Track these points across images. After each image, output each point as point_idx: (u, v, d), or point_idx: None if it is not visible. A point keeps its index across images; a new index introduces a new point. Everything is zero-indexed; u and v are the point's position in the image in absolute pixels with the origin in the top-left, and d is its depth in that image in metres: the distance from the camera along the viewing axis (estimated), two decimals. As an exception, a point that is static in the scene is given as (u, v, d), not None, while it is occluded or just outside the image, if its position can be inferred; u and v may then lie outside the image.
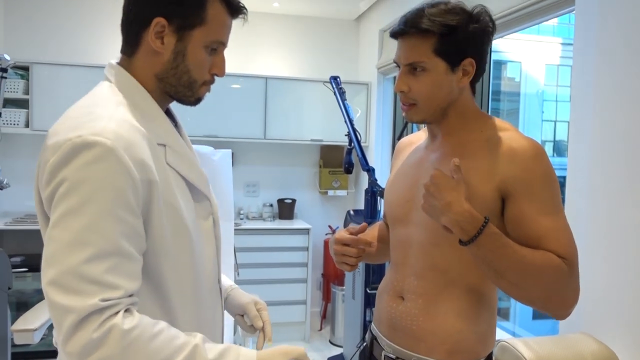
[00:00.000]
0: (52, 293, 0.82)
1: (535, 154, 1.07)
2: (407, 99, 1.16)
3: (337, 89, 3.35)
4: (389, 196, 1.31)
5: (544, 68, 8.78)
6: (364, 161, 3.13)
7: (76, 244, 0.83)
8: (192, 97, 1.04)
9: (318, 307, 4.41)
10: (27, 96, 3.60)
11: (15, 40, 3.89)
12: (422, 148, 1.28)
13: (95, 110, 0.91)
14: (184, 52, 0.98)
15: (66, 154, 0.85)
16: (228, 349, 0.92)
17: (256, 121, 4.05)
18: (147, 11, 0.95)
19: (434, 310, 1.15)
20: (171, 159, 0.98)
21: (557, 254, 1.04)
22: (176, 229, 0.96)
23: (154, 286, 0.94)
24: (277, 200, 4.36)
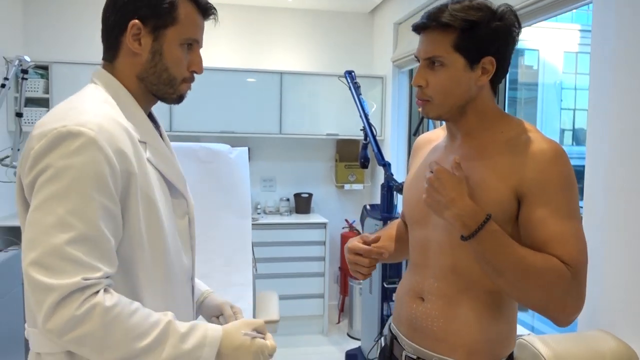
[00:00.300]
0: (34, 273, 0.86)
1: (555, 157, 1.06)
2: (423, 95, 1.15)
3: (352, 84, 3.35)
4: (408, 196, 1.30)
5: (562, 55, 8.64)
6: (379, 156, 3.13)
7: (59, 227, 0.87)
8: (174, 95, 1.10)
9: (336, 301, 4.44)
10: (48, 95, 3.66)
11: (35, 40, 3.96)
12: (441, 147, 1.26)
13: (81, 106, 0.98)
14: (161, 50, 1.05)
15: (51, 142, 0.90)
16: (197, 324, 1.00)
17: (272, 116, 4.07)
18: (123, 16, 1.03)
19: (454, 311, 1.15)
20: (151, 156, 1.05)
21: (562, 259, 1.02)
22: (151, 221, 1.01)
23: (125, 274, 0.99)
24: (293, 194, 4.38)
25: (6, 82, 2.45)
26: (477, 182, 1.11)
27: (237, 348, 1.01)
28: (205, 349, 0.98)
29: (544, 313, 1.05)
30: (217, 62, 4.24)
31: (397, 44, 4.02)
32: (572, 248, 1.03)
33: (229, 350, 1.01)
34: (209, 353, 0.98)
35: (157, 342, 0.93)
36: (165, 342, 0.94)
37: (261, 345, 1.04)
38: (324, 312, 4.06)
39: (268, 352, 1.05)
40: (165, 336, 0.94)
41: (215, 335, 1.00)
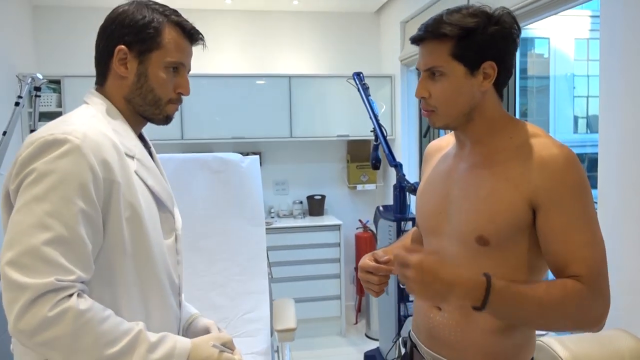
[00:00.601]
0: (9, 272, 0.88)
1: (567, 164, 1.05)
2: (427, 105, 1.15)
3: (361, 85, 3.35)
4: (420, 206, 1.30)
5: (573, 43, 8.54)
6: (390, 157, 3.13)
7: (37, 227, 0.90)
8: (161, 115, 1.15)
9: (352, 301, 4.45)
10: (61, 109, 3.72)
11: (46, 54, 4.02)
12: (450, 156, 1.26)
13: (69, 119, 1.04)
14: (146, 73, 1.10)
15: (37, 148, 0.94)
16: (166, 335, 1.02)
17: (282, 120, 4.08)
18: (111, 42, 1.10)
19: (471, 321, 1.14)
20: (139, 170, 1.08)
21: (579, 274, 1.03)
22: (135, 230, 1.03)
23: (105, 280, 1.01)
24: (306, 197, 4.39)
25: (20, 101, 2.50)
26: (489, 191, 1.10)
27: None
28: (173, 359, 1.00)
29: (577, 331, 1.06)
30: (226, 69, 4.26)
31: (405, 42, 4.01)
32: (590, 260, 1.03)
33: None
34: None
35: (127, 349, 0.95)
36: (134, 350, 0.96)
37: (228, 358, 1.06)
38: (341, 314, 4.08)
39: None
40: (135, 344, 0.96)
41: (184, 347, 1.03)
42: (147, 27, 1.08)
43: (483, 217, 1.10)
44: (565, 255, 1.04)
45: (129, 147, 1.08)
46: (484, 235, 1.09)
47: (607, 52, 1.87)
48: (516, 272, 1.11)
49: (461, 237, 1.14)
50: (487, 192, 1.10)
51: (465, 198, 1.15)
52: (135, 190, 1.04)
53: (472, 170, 1.16)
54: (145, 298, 1.07)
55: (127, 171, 1.04)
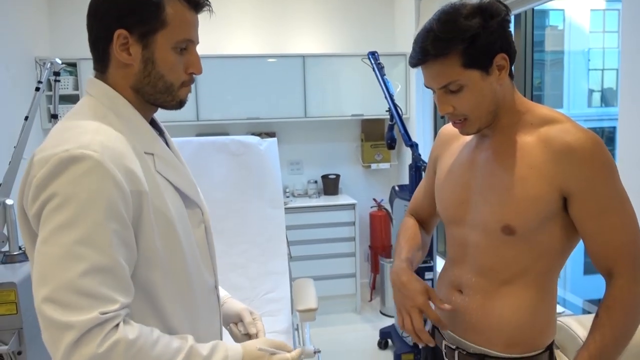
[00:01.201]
0: (48, 310, 0.81)
1: (594, 148, 1.04)
2: (455, 117, 1.14)
3: (376, 64, 3.34)
4: (442, 196, 1.30)
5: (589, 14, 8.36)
6: (406, 137, 3.13)
7: (70, 259, 0.82)
8: (174, 101, 1.03)
9: (367, 279, 4.51)
10: (77, 92, 3.75)
11: (62, 37, 4.03)
12: (472, 146, 1.25)
13: (80, 124, 0.91)
14: (152, 58, 0.96)
15: (53, 168, 0.84)
16: (217, 345, 0.98)
17: (296, 100, 4.08)
18: (107, 26, 0.94)
19: (492, 305, 1.16)
20: (160, 167, 0.99)
21: (621, 263, 1.06)
22: (167, 237, 0.96)
23: (146, 295, 0.95)
24: (321, 176, 4.42)
25: (40, 86, 2.52)
26: (516, 180, 1.10)
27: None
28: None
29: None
30: (240, 49, 4.25)
31: (420, 19, 3.96)
32: (629, 244, 1.07)
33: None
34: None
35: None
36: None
37: (281, 359, 1.03)
38: (356, 291, 4.14)
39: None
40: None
41: (237, 354, 1.00)
42: (147, 4, 0.93)
43: (509, 207, 1.10)
44: (605, 244, 1.07)
45: (146, 144, 0.99)
46: (510, 225, 1.10)
47: (628, 24, 1.84)
48: (539, 259, 1.13)
49: (486, 227, 1.15)
50: (513, 181, 1.10)
51: (489, 188, 1.15)
52: (162, 195, 0.96)
53: (495, 160, 1.15)
54: (187, 303, 1.03)
55: (151, 174, 0.95)
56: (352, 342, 3.68)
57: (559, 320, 1.68)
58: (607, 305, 1.07)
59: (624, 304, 1.06)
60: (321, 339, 3.55)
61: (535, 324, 1.16)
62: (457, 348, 1.23)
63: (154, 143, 1.01)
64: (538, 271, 1.14)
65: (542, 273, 1.14)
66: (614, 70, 8.26)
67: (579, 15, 8.30)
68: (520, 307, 1.14)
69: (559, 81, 8.32)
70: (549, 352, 1.19)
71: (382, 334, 3.55)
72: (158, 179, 0.97)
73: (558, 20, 8.57)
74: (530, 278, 1.14)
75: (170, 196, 0.99)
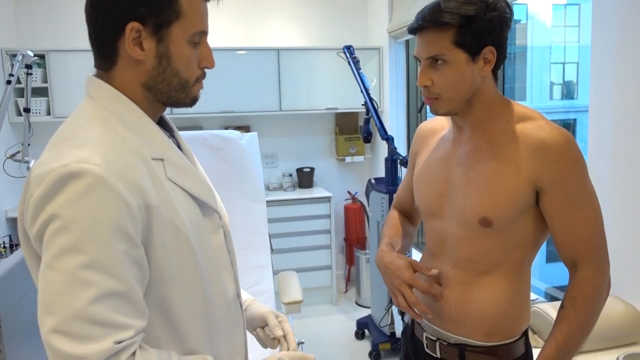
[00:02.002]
0: (57, 343, 0.74)
1: (567, 146, 1.10)
2: (430, 93, 1.17)
3: (351, 58, 3.37)
4: (420, 190, 1.33)
5: (550, 9, 8.59)
6: (382, 131, 3.18)
7: (77, 285, 0.74)
8: (188, 99, 0.95)
9: (342, 271, 4.57)
10: (46, 84, 3.65)
11: (29, 29, 3.91)
12: (448, 140, 1.29)
13: (80, 135, 0.83)
14: (168, 53, 0.88)
15: (51, 186, 0.76)
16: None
17: (271, 94, 4.08)
18: (117, 18, 0.85)
19: (471, 297, 1.20)
20: (171, 174, 0.90)
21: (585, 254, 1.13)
22: (180, 251, 0.88)
23: (161, 315, 0.88)
24: (295, 169, 4.44)
25: (11, 79, 2.46)
26: (492, 174, 1.14)
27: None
28: None
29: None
30: (215, 43, 4.19)
31: (393, 14, 4.01)
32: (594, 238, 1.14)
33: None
34: None
35: None
36: None
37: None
38: (332, 283, 4.19)
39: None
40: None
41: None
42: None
43: (486, 200, 1.14)
44: (571, 237, 1.13)
45: (155, 148, 0.89)
46: (488, 217, 1.14)
47: (599, 22, 1.92)
48: (514, 250, 1.18)
49: (463, 219, 1.18)
50: (490, 175, 1.15)
51: (467, 181, 1.19)
52: (174, 205, 0.87)
53: (472, 154, 1.19)
54: (206, 319, 0.95)
55: (160, 182, 0.86)
56: (330, 333, 3.73)
57: (535, 306, 1.76)
58: (572, 296, 1.13)
59: (587, 295, 1.12)
60: (299, 331, 3.58)
61: (512, 313, 1.20)
62: (438, 339, 1.26)
63: (164, 147, 0.92)
64: (514, 262, 1.18)
65: (517, 263, 1.19)
66: (574, 64, 8.53)
67: (541, 10, 8.51)
68: (498, 297, 1.18)
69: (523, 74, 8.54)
70: (525, 337, 1.25)
71: (358, 324, 3.61)
72: (169, 187, 0.88)
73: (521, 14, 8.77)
74: (506, 269, 1.18)
75: (183, 204, 0.90)
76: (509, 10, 1.14)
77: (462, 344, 1.22)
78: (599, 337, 1.64)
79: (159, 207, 0.84)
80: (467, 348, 1.21)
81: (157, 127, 0.93)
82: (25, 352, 2.25)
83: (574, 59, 8.72)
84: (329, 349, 3.50)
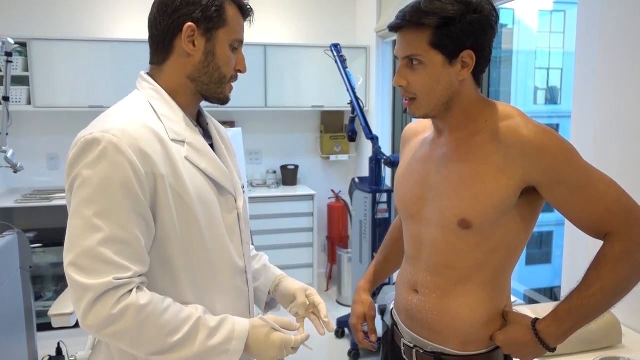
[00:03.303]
0: (72, 273, 0.93)
1: (548, 137, 1.07)
2: (406, 93, 1.15)
3: (338, 57, 3.37)
4: (400, 191, 1.31)
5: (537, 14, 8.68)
6: (367, 130, 3.18)
7: (89, 229, 0.94)
8: (222, 94, 1.15)
9: (324, 269, 4.56)
10: (27, 73, 3.58)
11: (12, 16, 3.83)
12: (428, 142, 1.26)
13: (113, 114, 1.04)
14: (214, 51, 1.09)
15: (79, 150, 0.97)
16: (225, 318, 1.07)
17: (257, 90, 4.06)
18: (178, 20, 1.07)
19: (447, 305, 1.17)
20: (190, 155, 1.07)
21: (613, 228, 1.06)
22: (184, 216, 1.04)
23: (164, 267, 1.04)
24: (280, 166, 4.42)
25: (-9, 66, 2.40)
26: (471, 175, 1.12)
27: (263, 341, 1.08)
28: (233, 342, 1.04)
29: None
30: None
31: (381, 14, 4.01)
32: (614, 207, 1.06)
33: (255, 342, 1.07)
34: (237, 346, 1.05)
35: (188, 336, 1.00)
36: (196, 336, 1.01)
37: (285, 338, 1.09)
38: (313, 281, 4.18)
39: (292, 346, 1.10)
40: (196, 331, 1.01)
41: (243, 329, 1.07)
42: (213, 4, 1.07)
43: (466, 201, 1.12)
44: (590, 216, 1.07)
45: (177, 132, 1.07)
46: (467, 219, 1.11)
47: (583, 28, 1.94)
48: (494, 254, 1.15)
49: (442, 222, 1.16)
50: (470, 176, 1.12)
51: (446, 183, 1.16)
52: (184, 179, 1.04)
53: (451, 156, 1.17)
54: (204, 283, 1.09)
55: (173, 160, 1.03)
56: (309, 330, 3.71)
57: (514, 309, 1.77)
58: (597, 259, 1.07)
59: (613, 259, 1.05)
60: (279, 329, 3.57)
61: (490, 322, 1.18)
62: (415, 346, 1.24)
63: (187, 133, 1.09)
64: (493, 267, 1.15)
65: (496, 269, 1.16)
66: (559, 70, 8.63)
67: (528, 16, 8.60)
68: (475, 306, 1.16)
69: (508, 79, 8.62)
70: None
71: (339, 323, 3.60)
72: (184, 164, 1.05)
73: (508, 19, 8.85)
74: (485, 275, 1.16)
75: (196, 181, 1.07)
76: (494, 13, 1.11)
77: (438, 352, 1.20)
78: (574, 341, 1.63)
79: (166, 177, 1.01)
80: (443, 357, 1.19)
81: (183, 116, 1.11)
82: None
83: (559, 65, 8.82)
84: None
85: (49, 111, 3.81)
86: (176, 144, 1.06)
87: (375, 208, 3.20)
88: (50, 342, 2.68)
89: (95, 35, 3.94)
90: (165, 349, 0.98)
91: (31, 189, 3.92)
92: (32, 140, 3.93)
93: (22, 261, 2.49)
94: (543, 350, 1.13)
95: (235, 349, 1.04)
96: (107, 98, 3.61)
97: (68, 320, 1.88)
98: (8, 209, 3.57)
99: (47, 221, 3.76)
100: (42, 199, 3.61)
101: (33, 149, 3.95)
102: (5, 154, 2.56)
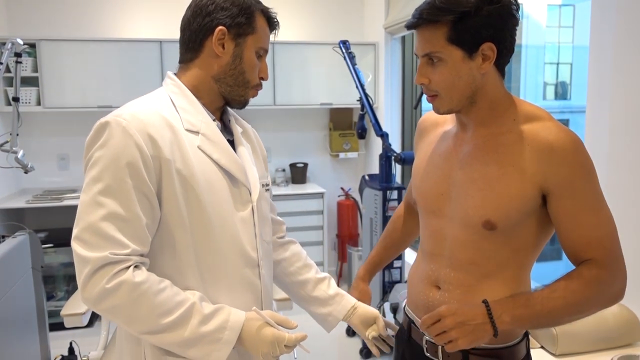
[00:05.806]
0: (76, 246, 0.99)
1: (575, 149, 1.05)
2: (429, 91, 1.14)
3: (347, 53, 3.34)
4: (420, 185, 1.28)
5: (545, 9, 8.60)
6: (377, 127, 3.16)
7: (94, 205, 0.99)
8: (243, 98, 1.19)
9: (334, 267, 4.55)
10: (37, 74, 3.59)
11: (21, 17, 3.85)
12: (451, 136, 1.24)
13: (131, 103, 1.10)
14: (241, 55, 1.14)
15: (93, 133, 1.04)
16: (221, 307, 1.07)
17: (265, 88, 4.02)
18: (210, 22, 1.13)
19: (472, 300, 1.14)
20: (204, 145, 1.11)
21: (596, 256, 1.07)
22: (190, 202, 1.07)
23: (168, 249, 1.07)
24: (289, 165, 4.41)
25: (0, 67, 2.41)
26: (496, 176, 1.10)
27: (255, 334, 1.07)
28: (226, 332, 1.05)
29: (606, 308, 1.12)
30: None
31: (389, 10, 3.98)
32: (605, 241, 1.08)
33: (247, 335, 1.07)
34: (230, 336, 1.05)
35: (180, 320, 1.02)
36: (188, 321, 1.02)
37: (277, 334, 1.08)
38: (323, 279, 4.16)
39: (285, 343, 1.09)
40: (189, 316, 1.03)
41: (238, 320, 1.07)
42: (244, 12, 1.13)
43: (491, 203, 1.10)
44: (580, 238, 1.08)
45: (192, 123, 1.11)
46: (492, 220, 1.10)
47: (598, 22, 1.91)
48: (517, 253, 1.14)
49: (466, 221, 1.15)
50: (495, 177, 1.10)
51: (471, 182, 1.14)
52: (192, 167, 1.07)
53: (476, 154, 1.15)
54: (210, 271, 1.11)
55: (184, 147, 1.07)
56: (320, 329, 3.69)
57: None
58: (569, 275, 1.08)
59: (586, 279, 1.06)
60: (290, 327, 3.56)
61: None
62: None
63: (202, 125, 1.13)
64: (516, 265, 1.15)
65: (519, 266, 1.16)
66: (568, 65, 8.55)
67: (536, 11, 8.52)
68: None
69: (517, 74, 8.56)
70: (526, 338, 1.22)
71: (350, 321, 3.59)
72: (195, 153, 1.09)
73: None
74: (509, 272, 1.15)
75: (207, 170, 1.10)
76: (514, 1, 1.08)
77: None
78: (594, 339, 1.63)
79: (173, 162, 1.05)
80: (471, 351, 1.17)
81: (201, 110, 1.15)
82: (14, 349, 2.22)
83: (568, 60, 8.72)
84: (319, 345, 3.47)
85: (58, 112, 3.82)
86: (190, 133, 1.10)
87: (385, 205, 3.17)
88: (62, 342, 2.70)
89: (104, 35, 3.94)
90: (157, 330, 1.00)
91: (42, 189, 3.94)
92: (42, 140, 3.95)
93: (33, 261, 2.50)
94: (488, 328, 1.06)
95: (228, 339, 1.05)
96: (117, 98, 3.61)
97: (80, 320, 1.88)
98: (19, 209, 3.59)
99: (58, 221, 3.78)
100: (53, 199, 3.62)
101: (43, 150, 3.96)
102: (16, 155, 2.56)
